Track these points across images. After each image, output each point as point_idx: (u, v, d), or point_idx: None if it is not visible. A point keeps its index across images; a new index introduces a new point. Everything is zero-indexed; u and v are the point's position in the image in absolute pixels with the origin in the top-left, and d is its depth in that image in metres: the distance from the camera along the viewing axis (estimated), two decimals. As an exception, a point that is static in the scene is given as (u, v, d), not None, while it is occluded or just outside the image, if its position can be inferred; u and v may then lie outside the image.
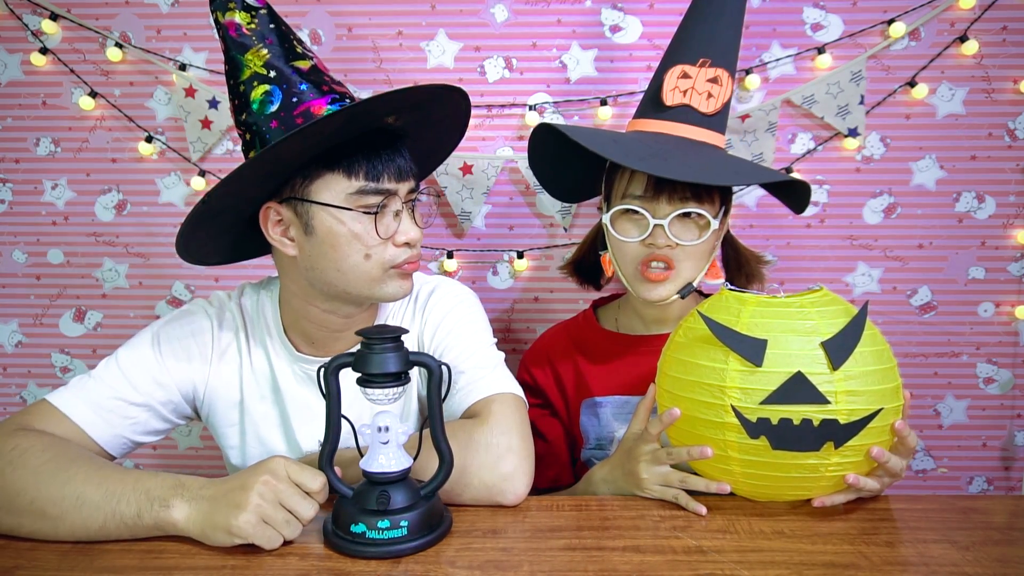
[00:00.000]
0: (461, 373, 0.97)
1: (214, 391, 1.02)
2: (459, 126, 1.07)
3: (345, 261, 0.91)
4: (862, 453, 0.82)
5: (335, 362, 0.81)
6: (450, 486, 0.86)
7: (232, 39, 0.93)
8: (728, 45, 1.06)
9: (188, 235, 0.92)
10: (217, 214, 0.91)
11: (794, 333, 0.82)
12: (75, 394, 0.93)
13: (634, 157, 0.95)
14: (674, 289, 1.04)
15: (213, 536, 0.76)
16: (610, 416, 1.11)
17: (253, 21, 0.94)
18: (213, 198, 0.87)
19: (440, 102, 0.97)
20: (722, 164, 1.01)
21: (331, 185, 0.90)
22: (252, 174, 0.87)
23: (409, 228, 0.93)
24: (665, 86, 1.03)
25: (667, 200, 1.00)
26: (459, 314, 1.04)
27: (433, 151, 1.12)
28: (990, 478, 1.50)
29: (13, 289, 1.52)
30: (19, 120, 1.46)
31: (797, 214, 1.11)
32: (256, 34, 0.93)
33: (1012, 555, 0.77)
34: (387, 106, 0.90)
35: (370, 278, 0.93)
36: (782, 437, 0.80)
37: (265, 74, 0.92)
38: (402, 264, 0.94)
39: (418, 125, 0.98)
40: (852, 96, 1.37)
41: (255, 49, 0.93)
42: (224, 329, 1.03)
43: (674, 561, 0.75)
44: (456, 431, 0.89)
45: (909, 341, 1.46)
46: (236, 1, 0.94)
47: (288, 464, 0.79)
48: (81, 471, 0.81)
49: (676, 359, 0.89)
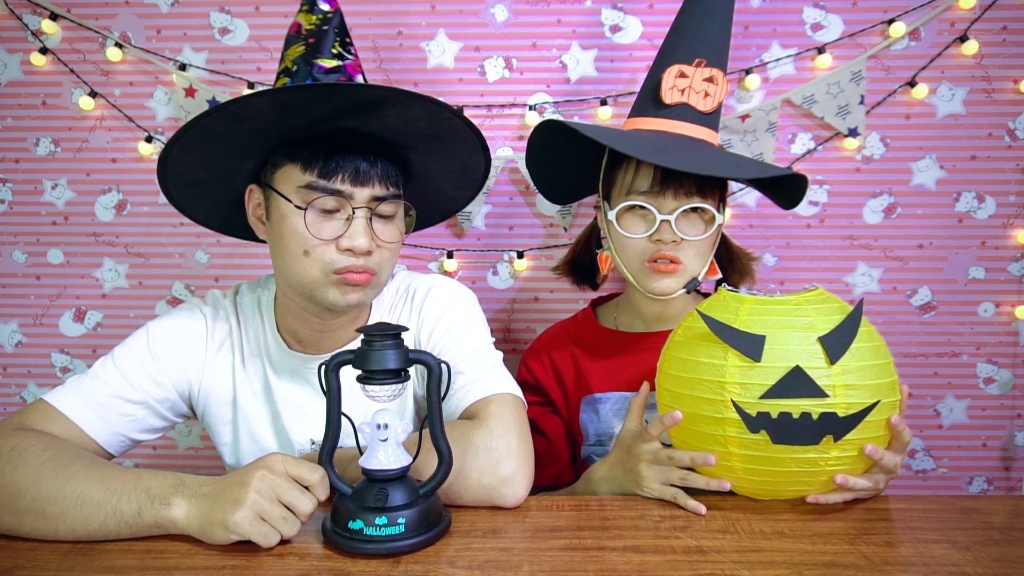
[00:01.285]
0: (459, 373, 0.97)
1: (208, 389, 1.03)
2: (473, 177, 1.07)
3: (288, 253, 0.93)
4: (860, 447, 0.83)
5: (336, 359, 0.81)
6: (449, 488, 0.86)
7: (290, 36, 0.97)
8: (720, 45, 1.08)
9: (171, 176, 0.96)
10: (200, 182, 0.96)
11: (791, 329, 0.83)
12: (72, 393, 0.93)
13: (645, 151, 0.96)
14: (681, 283, 1.05)
15: (211, 533, 0.76)
16: (610, 413, 1.11)
17: (312, 24, 0.97)
18: (172, 148, 0.91)
19: (449, 133, 0.97)
20: (725, 159, 1.03)
21: (288, 175, 0.92)
22: (213, 117, 0.87)
23: (356, 235, 0.91)
24: (664, 85, 1.05)
25: (673, 195, 1.02)
26: (456, 313, 1.04)
27: (443, 201, 1.13)
28: (990, 478, 1.50)
29: (13, 289, 1.51)
30: (19, 120, 1.46)
31: (786, 210, 1.12)
32: (308, 34, 0.96)
33: (1012, 555, 0.77)
34: (316, 95, 0.88)
35: (310, 278, 0.92)
36: (782, 431, 0.81)
37: (289, 67, 0.95)
38: (343, 271, 0.91)
39: (415, 143, 0.98)
40: (852, 96, 1.37)
41: (295, 46, 0.95)
42: (218, 327, 1.04)
43: (674, 561, 0.75)
44: (455, 433, 0.88)
45: (909, 341, 1.46)
46: (310, 4, 0.98)
47: (286, 459, 0.79)
48: (81, 470, 0.81)
49: (676, 358, 0.90)
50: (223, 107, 0.86)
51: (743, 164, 1.06)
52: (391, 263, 0.98)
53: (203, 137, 0.90)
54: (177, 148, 0.91)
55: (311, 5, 0.98)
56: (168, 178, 0.97)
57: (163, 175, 0.96)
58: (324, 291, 0.93)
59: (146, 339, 0.99)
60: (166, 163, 0.94)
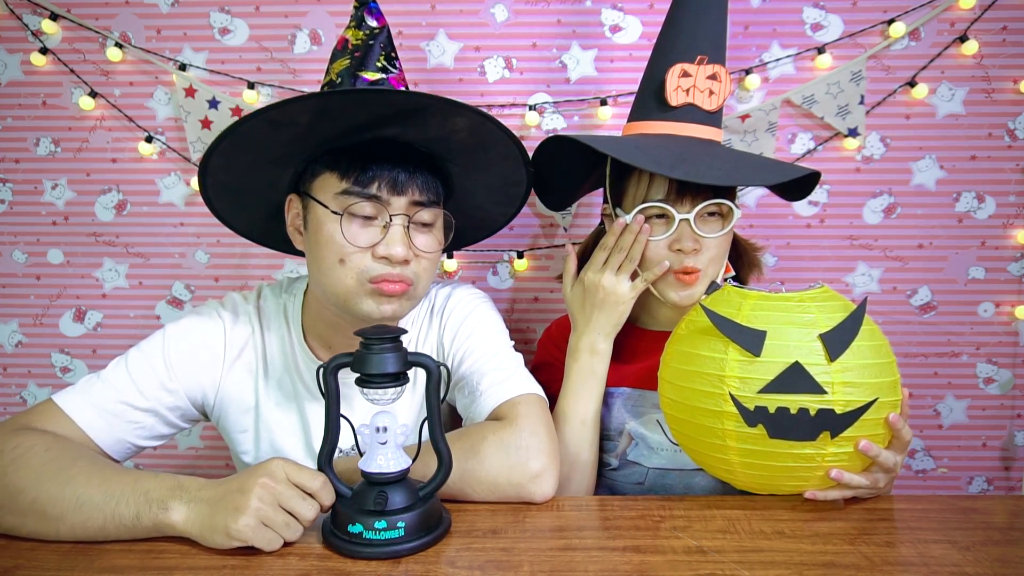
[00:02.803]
0: (483, 376, 0.98)
1: (226, 396, 1.01)
2: (514, 192, 1.07)
3: (324, 261, 0.92)
4: (856, 446, 0.83)
5: (334, 362, 0.81)
6: (479, 485, 0.88)
7: (336, 51, 0.97)
8: (719, 39, 1.07)
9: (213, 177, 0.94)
10: (240, 191, 0.96)
11: (793, 325, 0.83)
12: (81, 396, 0.92)
13: (664, 164, 0.95)
14: (703, 289, 1.05)
15: (212, 538, 0.76)
16: (620, 407, 1.11)
17: (359, 39, 0.97)
18: (211, 155, 0.90)
19: (491, 144, 0.97)
20: (743, 162, 1.02)
21: (326, 183, 0.92)
22: (251, 123, 0.86)
23: (394, 243, 0.90)
24: (668, 86, 1.04)
25: (691, 200, 1.02)
26: (477, 318, 1.05)
27: (484, 218, 1.14)
28: (990, 478, 1.50)
29: (13, 289, 1.51)
30: (19, 120, 1.46)
31: (791, 202, 1.11)
32: (353, 48, 0.96)
33: (1012, 555, 0.77)
34: (354, 100, 0.88)
35: (344, 288, 0.92)
36: (779, 426, 0.81)
37: (333, 80, 0.95)
38: (378, 280, 0.91)
39: (467, 169, 0.99)
40: (852, 96, 1.37)
41: (340, 60, 0.96)
42: (238, 332, 1.02)
43: (674, 561, 0.75)
44: (485, 433, 0.91)
45: (909, 341, 1.46)
46: (356, 20, 0.98)
47: (287, 465, 0.79)
48: (82, 471, 0.81)
49: (678, 350, 0.90)
50: (262, 112, 0.85)
51: (762, 166, 1.05)
52: (429, 275, 0.96)
53: (242, 143, 0.89)
54: (217, 155, 0.90)
55: (359, 21, 0.98)
56: (209, 187, 0.96)
57: (204, 183, 0.95)
58: (359, 301, 0.92)
59: (161, 345, 0.98)
60: (206, 170, 0.93)
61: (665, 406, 0.93)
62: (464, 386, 1.01)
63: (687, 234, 1.02)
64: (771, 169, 1.05)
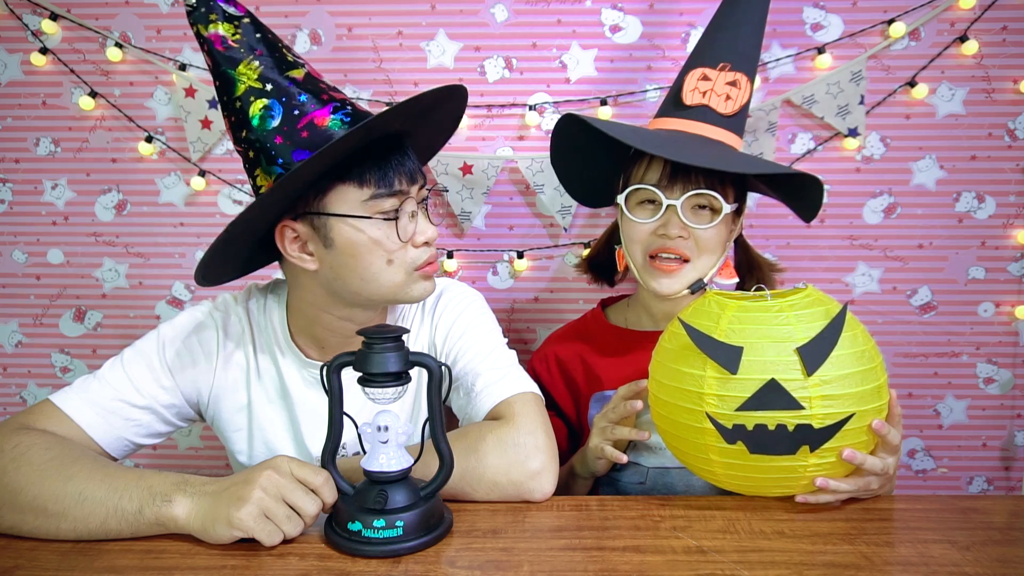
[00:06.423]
0: (478, 376, 0.98)
1: (219, 395, 1.01)
2: (455, 121, 1.07)
3: (368, 269, 0.91)
4: (839, 455, 0.82)
5: (337, 361, 0.81)
6: (479, 484, 0.88)
7: (220, 53, 0.90)
8: (750, 51, 1.08)
9: (208, 264, 0.90)
10: (234, 239, 0.89)
11: (770, 340, 0.82)
12: (78, 395, 0.93)
13: (651, 144, 0.98)
14: (685, 283, 1.05)
15: (213, 530, 0.76)
16: None
17: (237, 32, 0.91)
18: (235, 228, 0.86)
19: (443, 103, 0.97)
20: (734, 156, 1.03)
21: (345, 196, 0.89)
22: (271, 198, 0.86)
23: (426, 227, 0.94)
24: (685, 87, 1.06)
25: (682, 188, 1.02)
26: (470, 317, 1.05)
27: (429, 146, 1.11)
28: (990, 478, 1.50)
29: (13, 289, 1.51)
30: (19, 120, 1.46)
31: (807, 222, 1.12)
32: (244, 45, 0.90)
33: (1012, 555, 0.77)
34: (400, 117, 0.90)
35: (394, 283, 0.93)
36: (758, 442, 0.81)
37: (261, 87, 0.89)
38: (423, 265, 0.94)
39: (418, 124, 0.98)
40: (852, 96, 1.37)
41: (246, 62, 0.90)
42: (230, 333, 1.02)
43: (674, 561, 0.75)
44: (484, 432, 0.91)
45: (909, 341, 1.46)
46: (217, 12, 0.91)
47: (291, 461, 0.80)
48: (84, 469, 0.82)
49: (663, 365, 0.90)
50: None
51: (751, 162, 1.06)
52: None
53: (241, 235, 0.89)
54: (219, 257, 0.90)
55: (222, 13, 0.92)
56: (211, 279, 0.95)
57: (206, 280, 0.94)
58: (407, 290, 0.95)
59: (156, 344, 0.98)
60: (208, 269, 0.91)
61: (654, 415, 0.93)
62: (459, 386, 1.01)
63: (674, 221, 1.03)
64: (760, 164, 1.06)
